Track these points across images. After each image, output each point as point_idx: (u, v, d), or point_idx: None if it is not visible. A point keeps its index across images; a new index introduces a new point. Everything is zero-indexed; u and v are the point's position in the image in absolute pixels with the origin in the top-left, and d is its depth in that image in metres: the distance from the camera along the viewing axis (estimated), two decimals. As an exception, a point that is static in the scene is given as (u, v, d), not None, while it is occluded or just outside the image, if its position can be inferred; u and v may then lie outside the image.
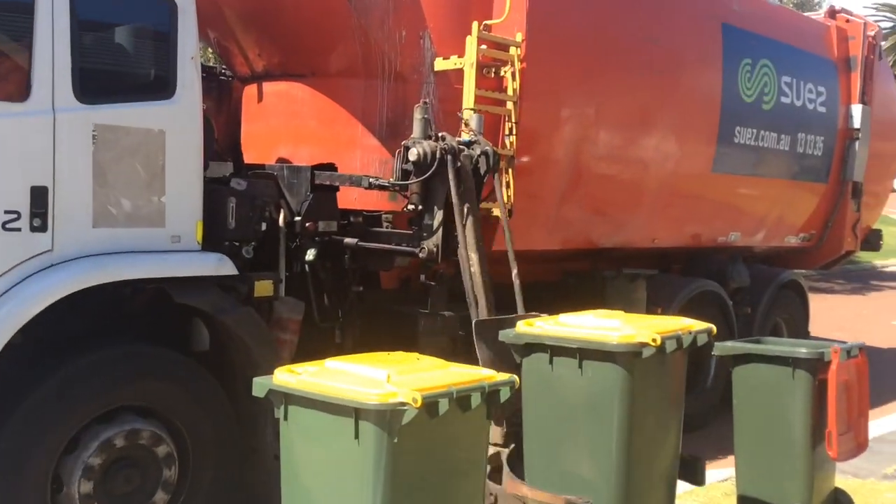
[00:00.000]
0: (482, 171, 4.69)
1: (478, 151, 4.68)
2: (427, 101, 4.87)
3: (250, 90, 5.71)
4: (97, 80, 3.60)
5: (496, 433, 4.12)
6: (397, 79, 5.20)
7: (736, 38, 6.81)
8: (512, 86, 5.28)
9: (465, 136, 4.81)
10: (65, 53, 3.46)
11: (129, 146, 3.66)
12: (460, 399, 2.77)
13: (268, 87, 5.56)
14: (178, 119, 3.83)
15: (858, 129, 8.19)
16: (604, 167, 6.04)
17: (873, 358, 8.69)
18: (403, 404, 2.60)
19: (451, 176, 4.49)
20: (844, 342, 4.55)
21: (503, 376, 2.99)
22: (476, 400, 2.82)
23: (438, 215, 4.65)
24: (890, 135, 9.12)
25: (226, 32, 5.49)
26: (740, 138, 6.94)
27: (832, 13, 8.49)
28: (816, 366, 4.27)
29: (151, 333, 4.01)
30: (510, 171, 5.33)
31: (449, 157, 4.51)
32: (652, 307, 6.30)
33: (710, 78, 6.64)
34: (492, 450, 3.77)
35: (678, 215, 6.76)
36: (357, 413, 2.64)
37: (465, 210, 4.57)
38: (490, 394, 2.89)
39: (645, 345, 3.46)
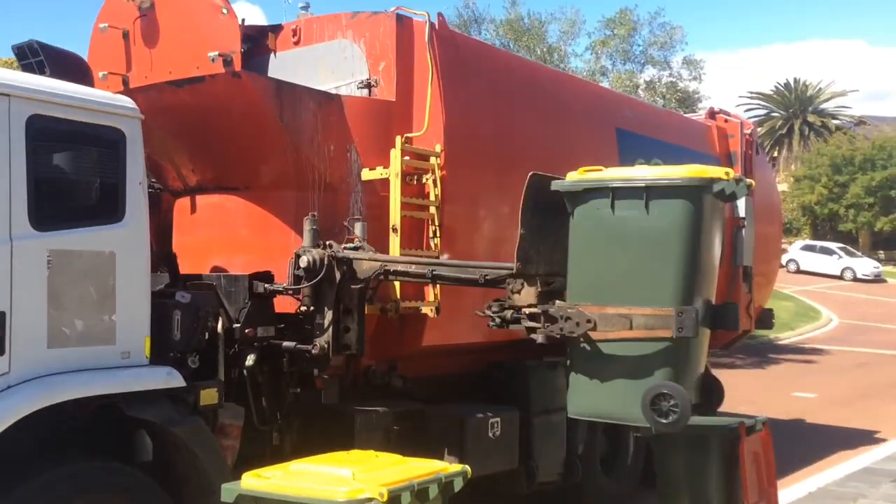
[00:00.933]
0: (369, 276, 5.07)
1: (365, 257, 5.07)
2: (315, 214, 5.18)
3: (182, 202, 5.93)
4: (51, 208, 3.78)
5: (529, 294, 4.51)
6: (327, 189, 5.54)
7: (629, 140, 7.52)
8: (434, 192, 5.70)
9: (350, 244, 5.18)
10: (20, 186, 3.65)
11: (81, 269, 3.83)
12: (420, 492, 3.05)
13: (201, 199, 5.78)
14: (128, 241, 4.04)
15: (744, 218, 9.00)
16: (520, 262, 6.49)
17: (778, 429, 9.47)
18: (371, 499, 2.84)
19: (337, 276, 4.89)
20: (751, 416, 5.05)
21: (455, 468, 3.28)
22: (434, 491, 3.11)
23: (328, 315, 5.02)
24: (773, 218, 10.06)
25: (159, 150, 5.73)
26: (641, 231, 7.55)
27: (712, 114, 9.45)
28: (727, 440, 4.72)
29: (94, 446, 4.08)
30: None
31: (335, 262, 4.91)
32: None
33: (609, 177, 7.26)
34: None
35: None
36: None
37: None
38: (446, 484, 3.17)
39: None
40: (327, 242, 5.05)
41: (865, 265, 35.87)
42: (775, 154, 49.45)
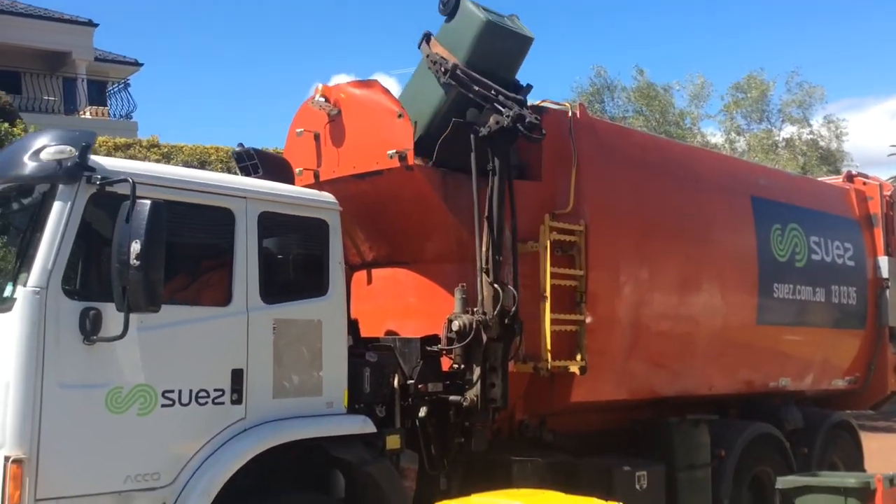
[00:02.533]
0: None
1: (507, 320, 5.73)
2: (464, 284, 5.86)
3: (359, 275, 6.87)
4: (276, 286, 4.74)
5: None
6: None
7: (764, 207, 7.91)
8: (579, 261, 6.36)
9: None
10: (254, 268, 4.62)
11: (297, 334, 4.75)
12: None
13: (376, 272, 6.69)
14: (331, 310, 4.94)
15: (887, 279, 9.06)
16: (660, 324, 6.98)
17: None
18: None
19: (484, 338, 5.60)
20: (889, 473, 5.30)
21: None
22: None
23: (476, 371, 5.68)
24: (920, 279, 9.95)
25: (343, 232, 6.69)
26: (779, 293, 7.87)
27: (850, 177, 9.63)
28: (864, 493, 5.01)
29: (297, 484, 4.92)
30: (583, 333, 6.30)
31: (482, 326, 5.62)
32: (715, 450, 7.03)
33: (745, 243, 7.68)
34: None
35: (730, 364, 7.59)
36: None
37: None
38: None
39: None
40: (475, 309, 5.79)
41: None
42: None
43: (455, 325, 5.77)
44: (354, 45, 75.10)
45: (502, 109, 5.76)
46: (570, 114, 6.54)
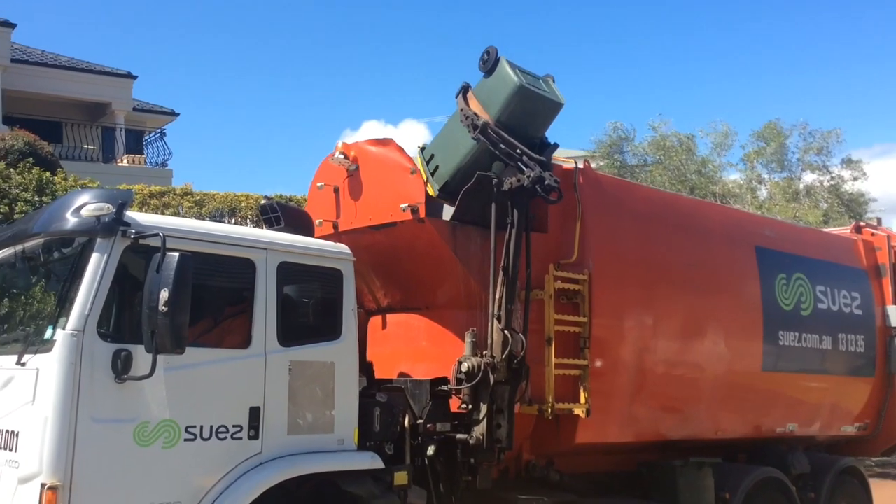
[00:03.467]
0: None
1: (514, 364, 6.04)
2: (475, 329, 6.15)
3: (375, 320, 7.23)
4: (292, 330, 5.12)
5: None
6: (492, 308, 6.63)
7: (769, 257, 8.16)
8: (583, 309, 6.67)
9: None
10: (273, 314, 5.01)
11: (311, 375, 5.11)
12: None
13: (390, 317, 7.05)
14: (344, 353, 5.31)
15: (895, 327, 9.21)
16: (665, 369, 7.22)
17: None
18: None
19: (491, 380, 5.91)
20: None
21: None
22: None
23: (483, 409, 5.98)
24: (927, 330, 10.07)
25: (359, 279, 7.07)
26: (784, 340, 8.08)
27: (858, 228, 9.84)
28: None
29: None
30: (587, 376, 6.58)
31: (490, 369, 5.93)
32: (720, 493, 7.21)
33: (749, 292, 7.92)
34: None
35: (736, 409, 7.78)
36: None
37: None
38: None
39: None
40: (483, 352, 6.12)
41: None
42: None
43: (464, 367, 6.11)
44: (385, 91, 76.68)
45: (525, 169, 6.11)
46: (574, 169, 6.91)
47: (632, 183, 8.40)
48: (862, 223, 9.97)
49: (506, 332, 6.06)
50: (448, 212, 6.66)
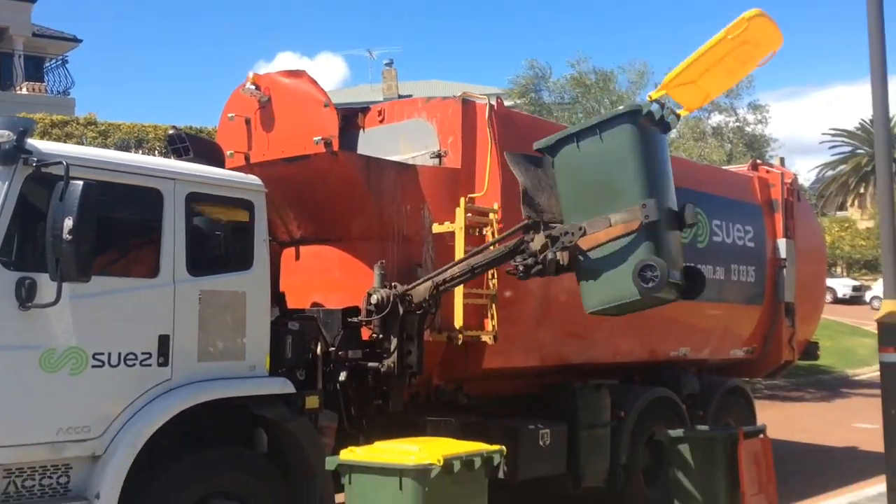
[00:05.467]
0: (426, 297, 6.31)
1: (418, 283, 6.30)
2: (384, 261, 6.44)
3: (288, 251, 7.31)
4: (202, 260, 5.16)
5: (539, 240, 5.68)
6: (404, 240, 6.80)
7: (670, 193, 8.54)
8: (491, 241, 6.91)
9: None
10: (181, 245, 5.04)
11: (222, 304, 5.19)
12: (467, 462, 4.28)
13: (304, 249, 7.15)
14: (255, 283, 5.40)
15: (785, 259, 9.84)
16: (568, 298, 7.53)
17: (827, 454, 10.46)
18: (431, 465, 4.06)
19: (400, 311, 6.15)
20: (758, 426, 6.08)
21: (495, 447, 4.46)
22: (478, 462, 4.33)
23: (394, 341, 6.25)
24: (816, 259, 10.84)
25: (272, 210, 7.12)
26: (680, 271, 8.53)
27: (754, 166, 10.37)
28: (730, 443, 5.73)
29: (221, 441, 5.38)
30: (494, 305, 6.87)
31: (398, 300, 6.15)
32: (616, 411, 7.70)
33: (650, 225, 8.30)
34: None
35: (633, 334, 8.24)
36: (401, 473, 4.12)
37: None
38: (486, 459, 4.37)
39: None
40: (393, 284, 6.31)
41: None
42: (862, 191, 48.53)
43: (374, 299, 6.31)
44: (302, 23, 74.51)
45: None
46: (487, 105, 7.06)
47: (542, 120, 8.61)
48: (759, 161, 10.50)
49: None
50: None
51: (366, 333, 6.50)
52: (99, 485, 4.52)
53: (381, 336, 6.34)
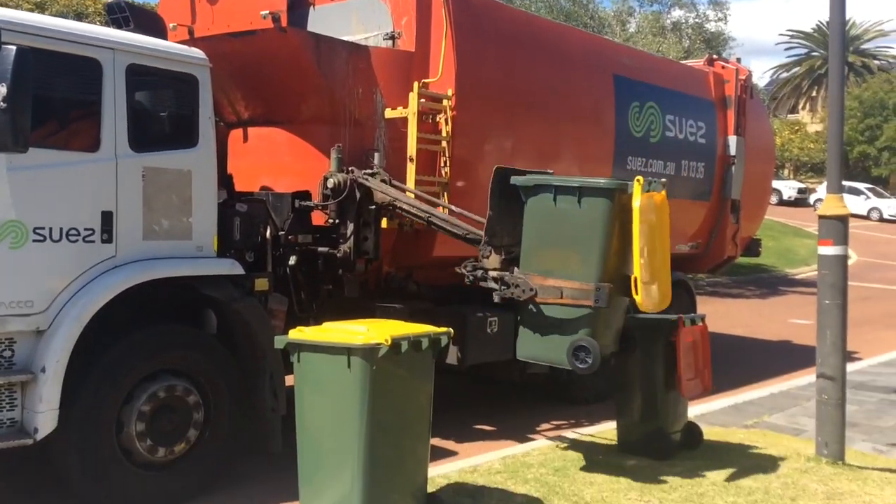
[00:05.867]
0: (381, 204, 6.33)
1: (378, 179, 6.30)
2: (340, 145, 6.36)
3: (236, 133, 7.13)
4: (145, 136, 4.99)
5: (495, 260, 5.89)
6: (356, 125, 6.68)
7: (625, 86, 8.50)
8: (445, 128, 6.82)
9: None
10: (123, 118, 4.85)
11: (166, 182, 5.07)
12: (415, 342, 4.34)
13: (252, 131, 6.97)
14: (200, 161, 5.25)
15: (734, 156, 9.96)
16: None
17: (762, 347, 10.91)
18: (379, 344, 4.11)
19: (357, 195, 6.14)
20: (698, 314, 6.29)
21: (442, 329, 4.53)
22: (425, 343, 4.40)
23: (350, 227, 6.25)
24: (765, 158, 11.00)
25: (218, 89, 6.89)
26: (632, 166, 8.58)
27: (710, 61, 10.32)
28: (670, 330, 5.92)
29: (171, 322, 5.37)
30: (445, 193, 6.85)
31: (355, 185, 6.12)
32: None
33: (604, 118, 8.29)
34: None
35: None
36: (349, 351, 4.15)
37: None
38: (434, 340, 4.44)
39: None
40: (350, 168, 6.24)
41: (893, 206, 36.22)
42: (814, 94, 49.02)
43: (331, 183, 6.22)
44: None
45: None
46: (444, -14, 6.81)
47: (500, 3, 8.34)
48: (715, 57, 10.45)
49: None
50: None
51: (317, 218, 6.45)
52: (44, 359, 4.49)
53: (336, 221, 6.29)
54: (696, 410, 7.30)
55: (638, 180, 5.35)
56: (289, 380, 5.83)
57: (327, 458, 4.32)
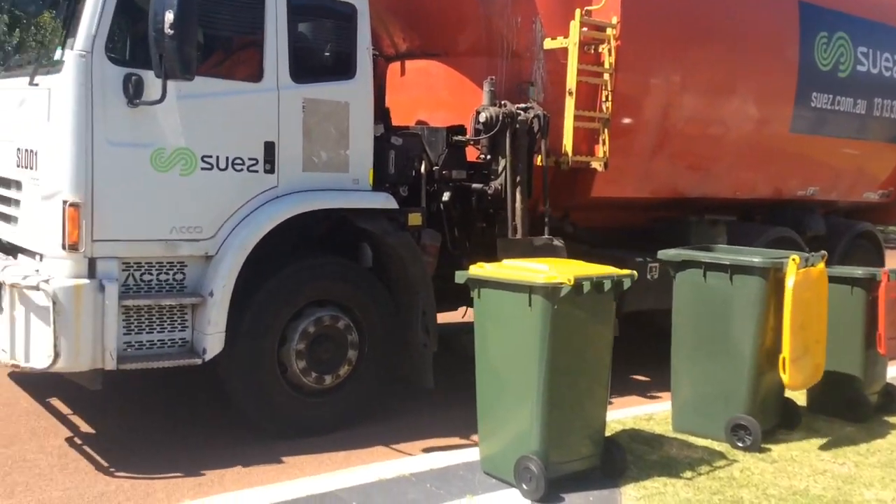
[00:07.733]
0: (535, 130, 6.09)
1: (531, 115, 6.02)
2: (493, 77, 6.11)
3: (393, 66, 7.06)
4: (305, 67, 5.00)
5: None
6: (514, 56, 6.41)
7: (812, 14, 7.66)
8: (608, 60, 6.42)
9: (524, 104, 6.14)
10: (284, 49, 4.88)
11: (325, 113, 5.07)
12: (597, 284, 4.17)
13: (409, 64, 6.88)
14: (358, 93, 5.22)
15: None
16: (689, 127, 7.08)
17: None
18: (561, 284, 3.96)
19: (507, 133, 5.91)
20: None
21: (626, 272, 4.35)
22: (608, 285, 4.23)
23: (502, 162, 6.01)
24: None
25: (377, 21, 6.84)
26: (817, 102, 7.81)
27: (914, -15, 9.10)
28: (870, 284, 5.38)
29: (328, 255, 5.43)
30: (606, 130, 6.50)
31: (508, 119, 5.86)
32: (733, 249, 7.33)
33: (787, 50, 7.54)
34: None
35: (758, 169, 7.72)
36: (531, 289, 4.05)
37: (517, 160, 6.04)
38: (616, 282, 4.26)
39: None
40: (503, 102, 6.00)
41: None
42: None
43: (482, 117, 6.04)
44: None
45: None
46: None
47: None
48: (920, -20, 9.22)
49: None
50: None
51: (472, 154, 6.30)
52: (212, 283, 4.66)
53: (489, 157, 6.13)
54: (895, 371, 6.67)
55: (794, 259, 4.96)
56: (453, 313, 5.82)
57: (506, 394, 4.26)
